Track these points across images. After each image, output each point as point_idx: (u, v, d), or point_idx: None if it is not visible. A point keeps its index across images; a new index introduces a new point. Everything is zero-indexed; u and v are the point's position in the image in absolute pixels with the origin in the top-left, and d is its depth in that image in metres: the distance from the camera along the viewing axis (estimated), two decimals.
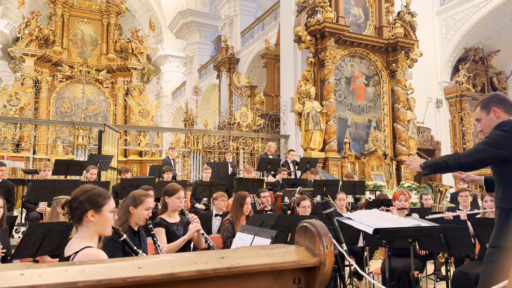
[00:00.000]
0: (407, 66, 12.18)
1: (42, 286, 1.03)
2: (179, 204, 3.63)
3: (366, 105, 11.86)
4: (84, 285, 1.05)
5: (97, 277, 1.07)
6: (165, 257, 1.25)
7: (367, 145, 11.65)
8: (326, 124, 10.82)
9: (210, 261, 1.25)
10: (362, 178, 10.69)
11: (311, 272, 1.39)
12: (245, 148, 11.99)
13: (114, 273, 1.10)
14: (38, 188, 5.62)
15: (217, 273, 1.22)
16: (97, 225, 1.93)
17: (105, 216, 1.96)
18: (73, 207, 1.94)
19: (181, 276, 1.16)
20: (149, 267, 1.15)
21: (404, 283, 3.80)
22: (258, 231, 2.82)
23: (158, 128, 12.96)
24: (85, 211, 1.92)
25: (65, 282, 1.05)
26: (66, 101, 15.98)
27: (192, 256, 1.27)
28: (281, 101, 12.41)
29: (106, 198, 1.99)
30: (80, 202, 1.93)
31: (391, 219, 2.61)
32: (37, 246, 3.41)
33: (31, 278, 1.05)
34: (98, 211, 1.93)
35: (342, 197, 5.66)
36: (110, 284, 1.08)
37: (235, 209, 4.19)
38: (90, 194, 1.95)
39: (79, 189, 1.98)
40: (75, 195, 1.95)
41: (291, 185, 7.67)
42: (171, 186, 3.67)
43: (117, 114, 16.56)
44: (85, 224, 1.93)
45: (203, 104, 14.18)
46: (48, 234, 3.42)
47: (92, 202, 1.94)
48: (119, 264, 1.17)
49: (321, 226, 1.43)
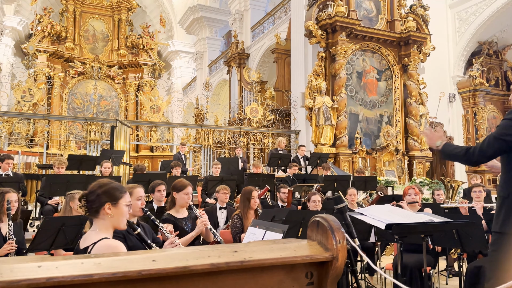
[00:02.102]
0: (420, 60, 12.05)
1: (59, 278, 1.05)
2: (187, 200, 3.64)
3: (378, 100, 11.77)
4: (100, 277, 1.07)
5: (112, 269, 1.09)
6: (179, 250, 1.26)
7: (378, 140, 11.57)
8: (337, 119, 10.76)
9: (223, 255, 1.25)
10: (374, 173, 10.62)
11: (323, 267, 1.39)
12: (255, 143, 11.99)
13: (129, 266, 1.11)
14: (52, 182, 5.72)
15: (230, 266, 1.23)
16: (113, 217, 1.97)
17: (122, 209, 1.99)
18: (91, 199, 1.97)
19: (195, 269, 1.17)
20: (163, 260, 1.17)
21: (416, 279, 3.78)
22: (270, 225, 2.83)
23: (169, 124, 13.03)
24: (102, 204, 1.95)
25: (81, 274, 1.07)
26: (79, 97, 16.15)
27: (206, 249, 1.28)
28: (291, 96, 12.37)
29: (123, 192, 2.03)
30: (98, 195, 1.96)
31: (404, 214, 2.60)
32: (51, 239, 3.46)
33: (48, 270, 1.06)
34: (115, 204, 1.97)
35: (353, 192, 5.64)
36: (125, 276, 1.09)
37: (243, 204, 4.22)
38: (108, 187, 1.99)
39: (97, 183, 2.01)
40: (93, 188, 1.99)
41: (301, 181, 7.66)
42: (179, 182, 3.67)
43: (128, 110, 16.68)
44: (101, 217, 1.96)
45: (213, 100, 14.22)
46: (63, 228, 3.47)
47: (110, 195, 1.98)
48: (134, 257, 1.18)
49: (334, 221, 1.42)
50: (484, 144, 2.24)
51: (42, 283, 1.03)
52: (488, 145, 2.22)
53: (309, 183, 7.54)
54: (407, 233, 2.58)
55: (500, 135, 2.19)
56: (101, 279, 1.07)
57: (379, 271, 1.64)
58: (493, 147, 2.20)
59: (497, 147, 2.20)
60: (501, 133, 2.19)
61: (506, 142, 2.18)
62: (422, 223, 2.46)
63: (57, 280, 1.04)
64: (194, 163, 11.87)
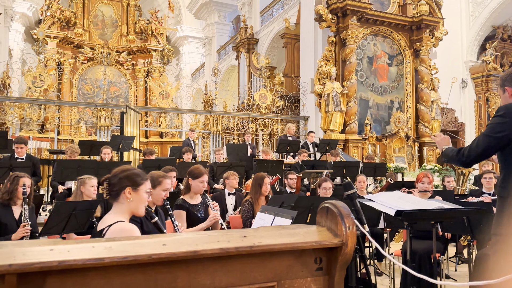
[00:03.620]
0: (432, 45, 11.85)
1: (70, 261, 1.06)
2: (202, 188, 3.66)
3: (389, 85, 11.65)
4: (111, 261, 1.08)
5: (123, 253, 1.10)
6: (188, 235, 1.27)
7: (389, 126, 11.50)
8: (346, 105, 10.69)
9: (232, 240, 1.26)
10: (383, 160, 10.58)
11: (332, 253, 1.40)
12: (264, 129, 11.98)
13: (140, 249, 1.13)
14: (63, 168, 5.78)
15: (240, 251, 1.24)
16: (132, 202, 2.01)
17: (141, 195, 2.04)
18: (112, 183, 2.02)
19: (204, 253, 1.18)
20: (173, 245, 1.18)
21: (425, 265, 3.78)
22: (279, 211, 2.84)
23: (178, 110, 13.04)
24: (123, 188, 2.00)
25: (92, 258, 1.08)
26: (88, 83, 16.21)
27: (215, 234, 1.29)
28: (300, 82, 12.29)
29: (144, 179, 2.08)
30: (120, 178, 2.01)
31: (414, 201, 2.58)
32: (63, 223, 3.52)
33: (60, 254, 1.08)
34: (135, 189, 2.02)
35: (362, 179, 5.61)
36: (136, 260, 1.10)
37: (254, 190, 4.21)
38: (130, 172, 2.05)
39: (119, 168, 2.08)
40: (116, 172, 2.05)
41: (310, 167, 7.65)
42: (196, 169, 3.67)
43: (138, 96, 16.73)
44: (121, 201, 2.01)
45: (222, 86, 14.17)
46: (74, 212, 3.52)
47: (131, 179, 2.03)
48: (144, 241, 1.19)
49: (343, 207, 1.42)
50: (473, 144, 2.21)
51: (54, 266, 1.04)
52: (477, 144, 2.19)
53: (318, 170, 7.54)
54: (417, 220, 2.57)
55: (489, 132, 2.16)
56: (112, 263, 1.09)
57: (388, 256, 1.64)
58: (482, 145, 2.16)
59: (486, 144, 2.16)
60: (490, 130, 2.15)
61: (495, 139, 2.14)
62: (432, 210, 2.44)
63: (68, 264, 1.05)
64: (203, 149, 11.91)
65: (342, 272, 1.40)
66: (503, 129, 2.10)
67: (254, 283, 1.29)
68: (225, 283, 1.25)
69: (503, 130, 2.10)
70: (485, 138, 2.15)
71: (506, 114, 2.11)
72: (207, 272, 1.23)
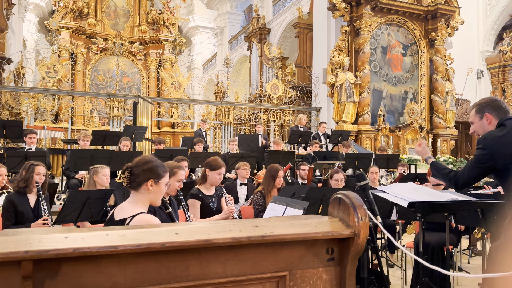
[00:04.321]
0: (447, 35, 11.64)
1: (84, 249, 1.08)
2: (218, 180, 3.68)
3: (403, 75, 11.52)
4: (124, 248, 1.10)
5: (136, 241, 1.12)
6: (201, 224, 1.28)
7: (402, 117, 11.40)
8: (359, 96, 10.61)
9: (244, 229, 1.27)
10: (396, 151, 10.50)
11: (344, 243, 1.40)
12: (275, 120, 11.97)
13: (153, 238, 1.14)
14: (77, 157, 5.86)
15: (251, 240, 1.24)
16: (153, 194, 2.04)
17: (161, 187, 2.08)
18: (135, 173, 2.04)
19: (217, 242, 1.19)
20: (186, 233, 1.19)
21: (438, 257, 3.75)
22: (290, 202, 2.84)
23: (190, 100, 13.08)
24: (146, 179, 2.03)
25: (106, 246, 1.10)
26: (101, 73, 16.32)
27: (227, 224, 1.30)
28: (313, 73, 12.21)
29: (166, 171, 2.11)
30: (143, 170, 2.04)
31: (427, 192, 2.55)
32: (77, 212, 3.58)
33: (74, 241, 1.10)
34: (157, 182, 2.05)
35: (374, 170, 5.58)
36: (149, 248, 1.12)
37: (267, 182, 4.18)
38: (153, 164, 2.07)
39: (142, 158, 2.10)
40: (139, 163, 2.07)
41: (322, 158, 7.64)
42: (214, 161, 3.68)
43: (150, 86, 16.79)
44: (141, 191, 2.04)
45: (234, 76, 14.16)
46: (88, 201, 3.58)
47: (155, 172, 2.05)
48: (157, 230, 1.21)
49: (356, 198, 1.42)
50: (465, 172, 2.39)
51: (69, 253, 1.06)
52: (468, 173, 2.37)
53: (330, 161, 7.52)
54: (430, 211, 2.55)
55: (475, 164, 2.33)
56: (126, 250, 1.10)
57: (400, 247, 1.64)
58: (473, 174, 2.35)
59: (476, 174, 2.34)
60: (476, 162, 2.32)
61: (482, 169, 2.32)
62: (445, 202, 2.42)
63: (83, 251, 1.07)
64: (214, 139, 11.95)
65: (354, 263, 1.40)
66: (486, 160, 2.27)
67: (266, 272, 1.30)
68: (236, 272, 1.26)
69: (487, 161, 2.27)
70: (474, 169, 2.34)
71: (486, 146, 2.27)
72: (219, 261, 1.24)
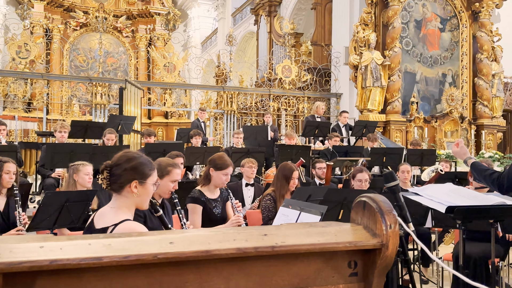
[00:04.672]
0: (494, 6, 11.53)
1: (63, 260, 1.09)
2: (224, 182, 3.68)
3: (440, 55, 11.46)
4: (110, 260, 1.10)
5: (124, 252, 1.12)
6: (199, 232, 1.29)
7: (439, 105, 11.36)
8: (388, 79, 10.58)
9: (251, 238, 1.27)
10: (432, 146, 10.46)
11: (370, 255, 1.40)
12: (288, 109, 11.96)
13: (144, 248, 1.14)
14: (54, 152, 5.89)
15: (259, 252, 1.25)
16: (138, 197, 2.03)
17: (148, 188, 2.06)
18: (116, 173, 2.02)
19: (218, 253, 1.20)
20: (182, 243, 1.19)
21: (481, 272, 3.75)
22: (305, 206, 2.84)
23: (186, 85, 13.11)
24: (129, 181, 2.01)
25: (88, 257, 1.10)
26: (81, 53, 16.40)
27: (231, 232, 1.30)
28: (332, 52, 12.16)
29: (152, 169, 2.09)
30: (125, 169, 2.02)
31: (469, 195, 2.54)
32: (54, 217, 3.61)
33: (51, 252, 1.11)
34: (142, 183, 2.03)
35: (406, 169, 5.56)
36: (139, 260, 1.12)
37: (279, 184, 4.13)
38: (137, 162, 2.05)
39: (124, 155, 2.07)
40: (119, 160, 2.04)
41: (343, 154, 7.63)
42: (220, 158, 3.68)
43: (139, 69, 16.86)
44: (125, 194, 2.03)
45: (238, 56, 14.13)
46: (67, 204, 3.60)
47: (139, 172, 2.03)
48: (149, 239, 1.21)
49: (384, 202, 1.41)
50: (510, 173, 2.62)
51: (45, 265, 1.07)
52: None
53: (352, 157, 7.51)
54: (473, 217, 2.54)
55: None
56: (112, 263, 1.11)
57: (437, 260, 1.63)
58: None
59: None
60: None
61: None
62: (491, 206, 2.40)
63: (61, 263, 1.08)
64: (215, 132, 11.98)
65: (381, 279, 1.40)
66: None
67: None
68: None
69: None
70: None
71: None
72: (221, 276, 1.24)
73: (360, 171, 4.71)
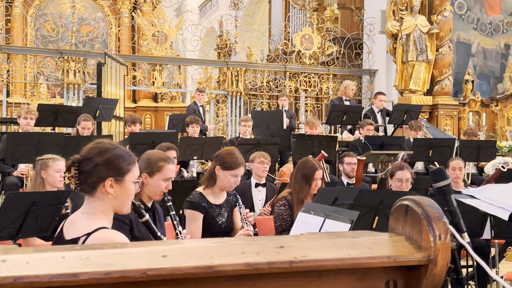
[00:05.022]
0: None
1: (31, 277, 1.10)
2: (233, 185, 3.69)
3: (503, 21, 11.46)
4: (89, 277, 1.11)
5: (106, 267, 1.13)
6: (199, 243, 1.29)
7: (501, 84, 11.35)
8: (436, 52, 10.54)
9: (263, 252, 1.27)
10: (492, 136, 10.41)
11: (413, 273, 1.40)
12: (308, 90, 11.93)
13: (130, 262, 1.15)
14: (16, 143, 5.94)
15: (274, 268, 1.25)
16: (115, 199, 2.01)
17: (128, 187, 2.04)
18: (85, 170, 1.99)
19: (223, 270, 1.20)
20: (177, 257, 1.20)
21: None
22: (331, 211, 2.85)
23: (180, 60, 13.11)
24: (102, 179, 1.98)
25: (62, 273, 1.11)
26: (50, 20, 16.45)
27: (238, 243, 1.31)
28: (365, 17, 12.10)
29: (131, 163, 2.06)
30: (96, 165, 1.98)
31: None
32: (18, 224, 3.64)
33: (15, 267, 1.12)
34: (119, 181, 2.00)
35: (458, 165, 5.57)
36: (124, 278, 1.13)
37: (298, 186, 4.11)
38: (111, 155, 2.01)
39: (94, 146, 2.03)
40: (89, 154, 2.01)
41: (378, 146, 7.61)
42: (230, 156, 3.68)
43: (121, 40, 16.86)
44: (98, 196, 2.00)
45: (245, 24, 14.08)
46: (33, 208, 3.64)
47: (114, 167, 2.00)
48: (137, 251, 1.22)
49: (431, 206, 1.41)
50: None
51: (8, 283, 1.08)
52: None
53: (390, 151, 7.49)
54: None
55: None
56: (90, 280, 1.11)
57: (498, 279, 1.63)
58: None
59: None
60: None
61: None
62: None
63: (28, 281, 1.09)
64: (216, 118, 12.00)
65: None
66: None
67: None
68: None
69: None
70: None
71: None
72: None
73: (400, 168, 4.71)
